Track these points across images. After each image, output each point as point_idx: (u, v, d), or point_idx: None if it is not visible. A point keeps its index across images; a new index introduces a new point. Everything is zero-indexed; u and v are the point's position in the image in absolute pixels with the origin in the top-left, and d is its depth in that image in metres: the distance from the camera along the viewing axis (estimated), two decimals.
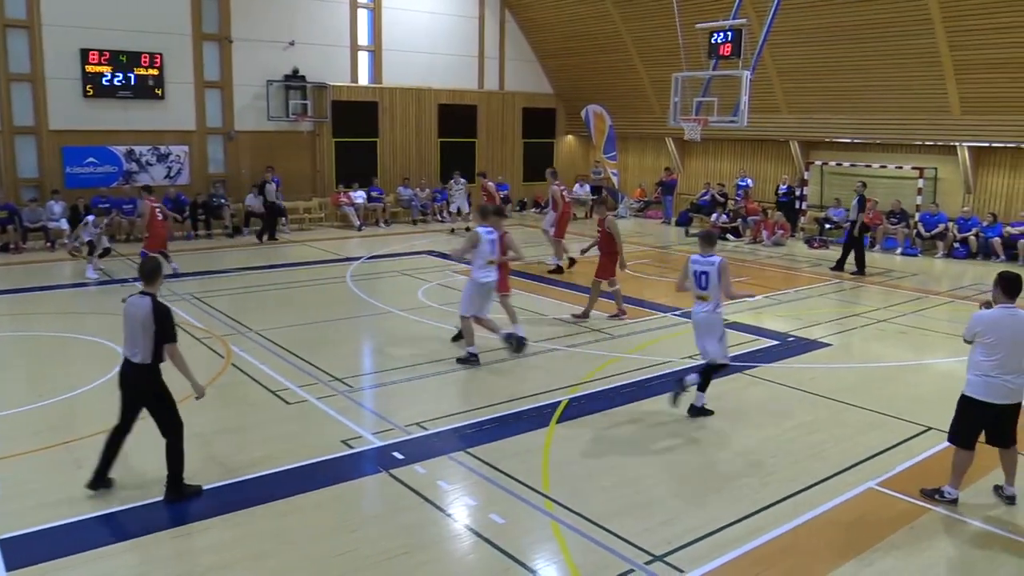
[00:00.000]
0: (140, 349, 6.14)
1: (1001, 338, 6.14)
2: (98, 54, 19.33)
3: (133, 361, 6.20)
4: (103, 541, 5.70)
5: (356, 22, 23.48)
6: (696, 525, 6.00)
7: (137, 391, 6.29)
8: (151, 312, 6.10)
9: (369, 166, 24.05)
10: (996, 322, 6.21)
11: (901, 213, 19.79)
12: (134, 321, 6.15)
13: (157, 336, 6.11)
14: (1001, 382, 6.15)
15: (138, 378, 6.23)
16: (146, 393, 6.28)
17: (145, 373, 6.19)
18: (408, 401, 8.86)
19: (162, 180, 20.68)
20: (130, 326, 6.19)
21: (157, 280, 6.38)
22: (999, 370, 6.15)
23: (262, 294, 14.17)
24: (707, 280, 8.16)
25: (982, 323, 6.28)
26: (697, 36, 18.60)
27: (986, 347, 6.22)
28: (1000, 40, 16.68)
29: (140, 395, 6.30)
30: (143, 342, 6.12)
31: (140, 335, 6.12)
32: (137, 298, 6.25)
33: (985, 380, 6.21)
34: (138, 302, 6.20)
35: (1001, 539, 5.90)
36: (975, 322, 6.33)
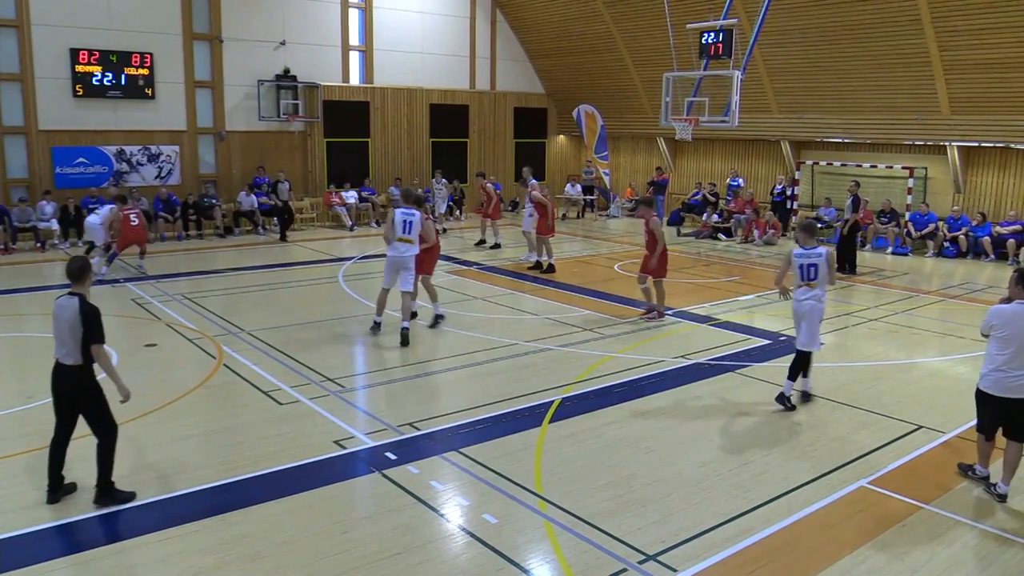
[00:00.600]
0: (70, 350, 6.02)
1: (1015, 332, 6.30)
2: (88, 54, 19.24)
3: (64, 363, 6.06)
4: (92, 544, 5.68)
5: (347, 22, 23.45)
6: (689, 524, 6.02)
7: (69, 393, 6.12)
8: (78, 313, 5.97)
9: (361, 166, 24.03)
10: (1012, 316, 6.36)
11: (891, 212, 19.87)
12: (62, 322, 6.02)
13: (85, 337, 5.96)
14: (1013, 377, 6.30)
15: (70, 380, 6.08)
16: (78, 395, 6.13)
17: (76, 374, 6.06)
18: (401, 401, 8.86)
19: (153, 180, 20.62)
20: (58, 327, 6.05)
21: (86, 280, 6.23)
22: (1011, 364, 6.30)
23: (254, 294, 14.13)
24: (816, 271, 8.40)
25: (998, 317, 6.43)
26: (688, 36, 18.64)
27: (1000, 341, 6.37)
28: (989, 40, 16.77)
29: (72, 398, 6.13)
30: (71, 343, 6.00)
31: (68, 336, 6.00)
32: (65, 299, 6.11)
33: (997, 375, 6.37)
34: (65, 303, 6.07)
35: (992, 536, 5.93)
36: (991, 316, 6.49)
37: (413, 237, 11.01)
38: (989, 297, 14.45)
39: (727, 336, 11.52)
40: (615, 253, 19.18)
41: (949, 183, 19.73)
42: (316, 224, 22.96)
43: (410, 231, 10.97)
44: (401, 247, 10.96)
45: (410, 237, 10.99)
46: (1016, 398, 6.33)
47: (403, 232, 10.94)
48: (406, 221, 10.95)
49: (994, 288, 15.37)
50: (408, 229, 10.96)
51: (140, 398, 8.59)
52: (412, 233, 11.00)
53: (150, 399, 8.53)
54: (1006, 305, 6.49)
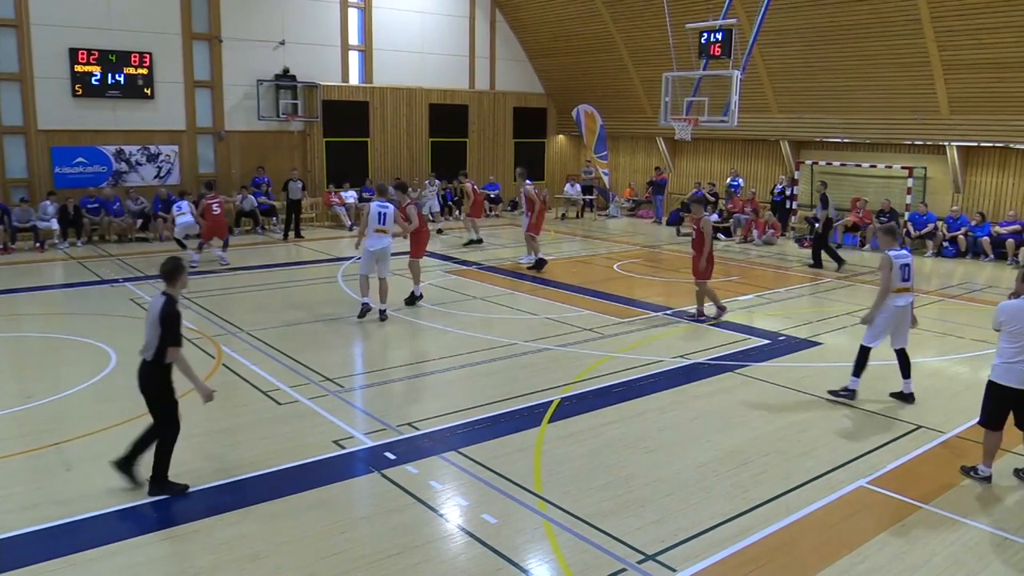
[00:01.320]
0: (148, 346, 6.25)
1: (1010, 317, 6.57)
2: (87, 53, 19.24)
3: (143, 357, 6.32)
4: (94, 543, 5.67)
5: (347, 22, 23.45)
6: (688, 524, 6.02)
7: (142, 386, 6.35)
8: (159, 312, 6.17)
9: (360, 166, 24.02)
10: (1019, 311, 6.57)
11: (891, 212, 19.87)
12: (148, 318, 6.29)
13: (161, 337, 6.15)
14: (1012, 367, 6.55)
15: (144, 374, 6.32)
16: (147, 389, 6.33)
17: (149, 369, 6.27)
18: (400, 401, 8.87)
19: (152, 180, 20.63)
20: (146, 322, 6.32)
21: (177, 281, 6.36)
22: (1020, 356, 6.52)
23: (253, 294, 14.13)
24: (911, 271, 8.65)
25: (1006, 312, 6.65)
26: (687, 36, 18.65)
27: (1010, 335, 6.59)
28: (988, 40, 16.78)
29: (143, 391, 6.36)
30: (151, 339, 6.21)
31: (150, 332, 6.23)
32: (156, 297, 6.37)
33: (1008, 366, 6.60)
34: (155, 301, 6.32)
35: (989, 536, 5.93)
36: (1000, 311, 6.70)
37: (388, 227, 11.81)
38: (988, 297, 14.47)
39: (726, 336, 11.52)
40: (614, 253, 19.18)
41: (948, 183, 19.73)
42: (315, 224, 22.95)
43: (385, 222, 11.75)
44: (377, 238, 11.72)
45: (385, 227, 11.77)
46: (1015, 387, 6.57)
47: (379, 223, 11.72)
48: (381, 213, 11.74)
49: (993, 288, 15.38)
50: (383, 220, 11.73)
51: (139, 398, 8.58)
52: (387, 224, 11.79)
53: None
54: (1014, 301, 6.68)
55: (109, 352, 10.20)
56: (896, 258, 8.54)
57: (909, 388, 8.81)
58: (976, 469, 6.89)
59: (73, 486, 6.51)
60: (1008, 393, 6.63)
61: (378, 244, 11.76)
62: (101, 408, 8.33)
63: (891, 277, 8.49)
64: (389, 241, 11.90)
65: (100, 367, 9.62)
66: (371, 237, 11.75)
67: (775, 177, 22.77)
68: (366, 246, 11.82)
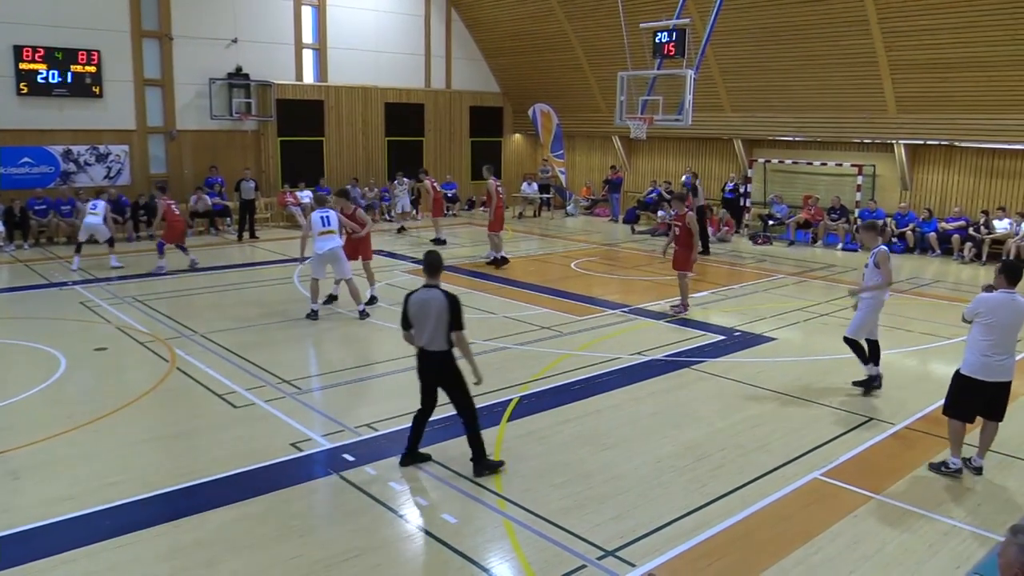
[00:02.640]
0: (434, 337, 6.58)
1: (999, 319, 6.62)
2: (32, 51, 18.77)
3: (429, 350, 6.62)
4: (46, 552, 5.53)
5: (300, 19, 23.21)
6: (646, 519, 6.07)
7: (438, 376, 6.73)
8: (445, 303, 6.50)
9: (315, 165, 23.79)
10: (998, 305, 6.66)
11: (841, 209, 20.28)
12: (428, 312, 6.56)
13: (449, 324, 6.52)
14: (996, 361, 6.65)
15: (435, 364, 6.67)
16: (441, 375, 6.72)
17: (440, 358, 6.64)
18: (358, 402, 8.81)
19: (102, 181, 20.20)
20: (423, 317, 6.59)
21: (440, 273, 6.82)
22: (994, 349, 6.63)
23: (207, 296, 13.92)
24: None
25: (984, 305, 6.72)
26: (642, 35, 18.81)
27: (984, 327, 6.67)
28: (932, 41, 17.19)
29: (440, 378, 6.73)
30: (436, 331, 6.55)
31: (433, 324, 6.54)
32: (424, 291, 6.67)
33: (983, 360, 6.67)
34: (427, 296, 6.62)
35: (939, 524, 6.08)
36: (978, 303, 6.77)
37: (334, 228, 11.93)
38: (935, 291, 14.83)
39: (682, 332, 11.64)
40: (571, 251, 19.27)
41: (896, 180, 20.18)
42: (270, 224, 22.68)
43: (330, 223, 11.91)
44: (326, 239, 11.81)
45: (332, 228, 11.90)
46: (999, 381, 6.70)
47: (323, 226, 11.86)
48: (323, 217, 11.92)
49: (940, 282, 15.77)
50: (327, 222, 11.89)
51: (91, 403, 8.45)
52: (332, 225, 11.93)
53: (101, 404, 8.37)
54: (992, 294, 6.75)
55: (58, 356, 9.98)
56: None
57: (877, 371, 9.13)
58: (946, 464, 6.93)
59: (21, 495, 6.35)
60: (980, 386, 6.70)
61: (327, 245, 11.80)
62: (50, 414, 8.14)
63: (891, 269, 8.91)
64: (338, 241, 11.95)
65: (49, 373, 9.40)
66: (319, 240, 11.82)
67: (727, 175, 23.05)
68: (315, 249, 11.86)
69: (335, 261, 11.98)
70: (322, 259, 11.89)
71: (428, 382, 6.86)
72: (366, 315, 12.05)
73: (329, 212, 12.05)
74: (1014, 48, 16.25)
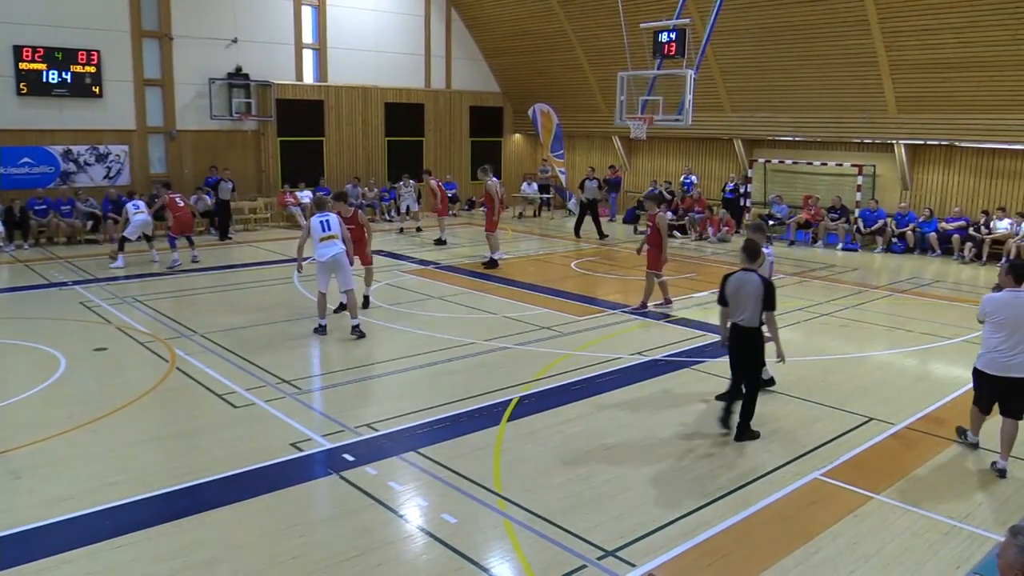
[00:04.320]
0: (750, 316, 7.39)
1: (1007, 317, 6.83)
2: (32, 51, 18.76)
3: (743, 325, 7.43)
4: (43, 553, 5.53)
5: (300, 19, 23.20)
6: (647, 519, 6.07)
7: (745, 348, 7.49)
8: (761, 286, 7.29)
9: (315, 165, 23.80)
10: (1004, 304, 6.89)
11: (841, 209, 20.27)
12: (748, 293, 7.35)
13: (764, 304, 7.31)
14: (1004, 357, 6.85)
15: (748, 339, 7.45)
16: (749, 349, 7.48)
17: (753, 335, 7.43)
18: (358, 402, 8.80)
19: (101, 181, 20.21)
20: (743, 297, 7.37)
21: (759, 260, 7.62)
22: (1004, 345, 6.85)
23: (207, 296, 13.92)
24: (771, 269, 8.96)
25: (991, 304, 6.98)
26: (642, 35, 18.81)
27: (994, 325, 6.91)
28: (932, 41, 17.18)
29: (746, 351, 7.49)
30: (753, 310, 7.35)
31: (751, 304, 7.34)
32: (743, 274, 7.47)
33: (991, 356, 6.93)
34: (745, 278, 7.42)
35: (939, 524, 6.08)
36: (985, 303, 7.04)
37: (335, 232, 11.21)
38: (936, 291, 14.83)
39: (682, 332, 11.64)
40: (571, 251, 19.27)
41: (897, 180, 20.17)
42: (270, 224, 22.68)
43: (330, 228, 11.20)
44: (327, 246, 11.12)
45: (332, 233, 11.18)
46: (1012, 377, 6.86)
47: (323, 231, 11.16)
48: (322, 222, 11.21)
49: (940, 282, 15.77)
50: (327, 227, 11.20)
51: (91, 403, 8.45)
52: (333, 229, 11.22)
53: (101, 404, 8.37)
54: (998, 293, 7.00)
55: (58, 356, 9.98)
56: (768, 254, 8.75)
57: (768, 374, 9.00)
58: (966, 434, 7.51)
59: (21, 495, 6.35)
60: (991, 380, 6.96)
61: (329, 252, 11.05)
62: (50, 414, 8.14)
63: None
64: (340, 247, 11.15)
65: (49, 372, 9.40)
66: (320, 247, 11.09)
67: (727, 175, 23.05)
68: (316, 257, 11.14)
69: (339, 269, 11.15)
70: (325, 267, 11.14)
71: (738, 355, 7.65)
72: (361, 334, 11.05)
73: (329, 216, 11.32)
74: (1015, 48, 16.25)
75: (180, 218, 16.21)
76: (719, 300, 7.66)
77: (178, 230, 16.25)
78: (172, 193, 16.50)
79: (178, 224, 16.23)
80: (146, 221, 16.23)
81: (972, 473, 7.02)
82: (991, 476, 6.94)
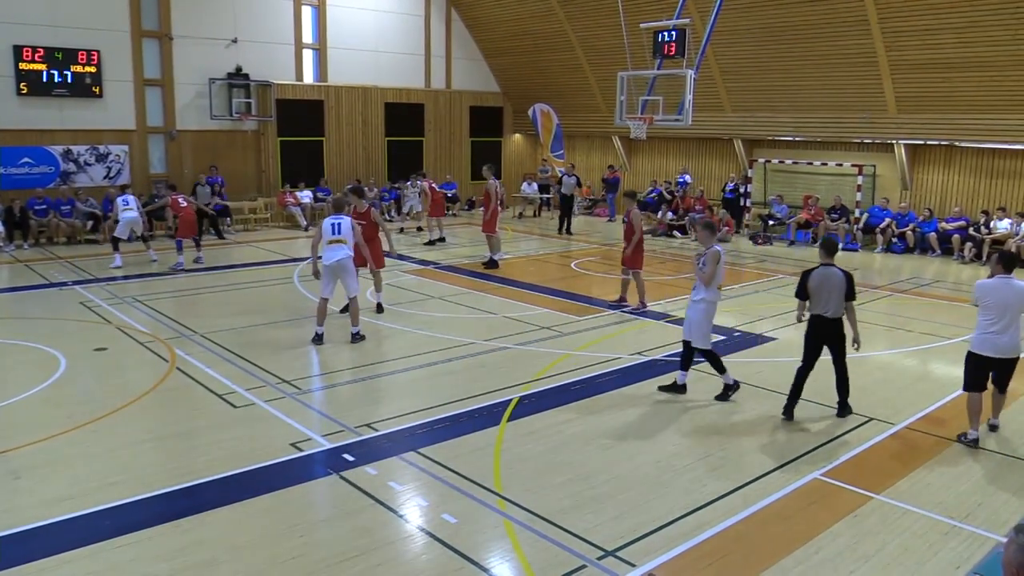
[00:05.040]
0: (832, 307, 7.98)
1: (996, 301, 7.44)
2: (32, 51, 18.77)
3: (825, 316, 8.01)
4: (43, 553, 5.53)
5: (300, 19, 23.21)
6: (647, 519, 6.07)
7: (830, 336, 8.07)
8: (844, 279, 7.94)
9: (315, 165, 23.81)
10: (993, 288, 7.51)
11: (842, 209, 20.27)
12: (831, 285, 7.95)
13: (846, 295, 7.94)
14: (992, 337, 7.46)
15: (831, 328, 8.04)
16: (833, 337, 8.08)
17: (835, 324, 8.03)
18: (358, 402, 8.81)
19: (101, 181, 20.22)
20: (827, 289, 7.97)
21: (835, 253, 8.21)
22: (995, 327, 7.44)
23: (207, 296, 13.92)
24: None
25: (982, 289, 7.62)
26: (642, 35, 18.81)
27: (985, 309, 7.52)
28: (932, 41, 17.19)
29: (831, 339, 8.09)
30: (835, 301, 7.96)
31: (835, 296, 7.94)
32: (825, 269, 8.03)
33: (985, 336, 7.51)
34: (831, 272, 8.00)
35: (939, 524, 6.08)
36: (977, 289, 7.68)
37: (344, 237, 10.96)
38: (936, 291, 14.82)
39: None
40: (571, 251, 19.27)
41: (897, 180, 20.17)
42: (270, 224, 22.68)
43: (340, 232, 10.95)
44: (333, 249, 10.86)
45: (341, 237, 10.93)
46: (1003, 357, 7.49)
47: (333, 234, 10.93)
48: (333, 224, 10.98)
49: (940, 282, 15.76)
50: (337, 230, 10.95)
51: (91, 403, 8.45)
52: (343, 234, 10.96)
53: (101, 404, 8.37)
54: (990, 279, 7.61)
55: (58, 356, 9.98)
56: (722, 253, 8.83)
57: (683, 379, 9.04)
58: (966, 434, 7.66)
59: (21, 495, 6.35)
60: (984, 360, 7.51)
61: (334, 256, 10.79)
62: (50, 414, 8.14)
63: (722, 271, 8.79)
64: (347, 252, 10.91)
65: (49, 372, 9.40)
66: (327, 249, 10.85)
67: (727, 175, 23.05)
68: (323, 261, 10.92)
69: (344, 274, 10.88)
70: (330, 271, 10.84)
71: (819, 342, 8.15)
72: (361, 338, 10.95)
73: (342, 219, 11.04)
74: (1015, 48, 16.25)
75: (184, 219, 16.13)
76: (799, 294, 8.23)
77: (183, 232, 16.18)
78: (176, 194, 16.49)
79: (183, 225, 16.16)
80: (135, 219, 16.13)
81: (972, 473, 7.02)
82: (991, 476, 6.95)
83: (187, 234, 16.24)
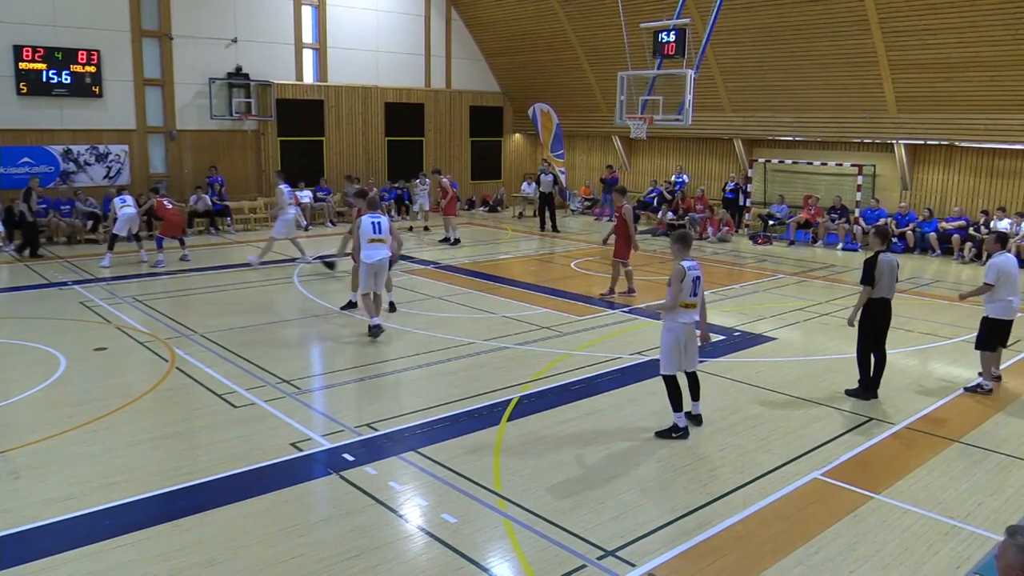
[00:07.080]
0: (893, 289, 8.77)
1: (1000, 272, 8.92)
2: (32, 51, 18.77)
3: (889, 298, 8.77)
4: (43, 553, 5.53)
5: (300, 19, 23.21)
6: (647, 519, 6.07)
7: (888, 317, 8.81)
8: (896, 262, 8.80)
9: (315, 165, 23.81)
10: (999, 263, 8.97)
11: (842, 209, 20.27)
12: (892, 269, 8.74)
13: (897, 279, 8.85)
14: (1008, 304, 8.98)
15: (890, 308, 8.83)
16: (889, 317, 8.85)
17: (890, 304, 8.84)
18: (358, 402, 8.81)
19: (101, 180, 20.21)
20: (891, 275, 8.71)
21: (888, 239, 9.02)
22: (1005, 294, 8.95)
23: (206, 296, 13.92)
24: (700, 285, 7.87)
25: (992, 266, 9.02)
26: (642, 35, 18.82)
27: (997, 282, 8.92)
28: (933, 41, 17.19)
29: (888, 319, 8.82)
30: (894, 284, 8.77)
31: (894, 279, 8.76)
32: (887, 255, 8.78)
33: (997, 303, 8.98)
34: (891, 257, 8.81)
35: (939, 524, 6.08)
36: (988, 266, 9.05)
37: (385, 236, 11.14)
38: (935, 291, 14.82)
39: None
40: (571, 251, 19.27)
41: (897, 180, 20.17)
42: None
43: (380, 231, 11.09)
44: (376, 248, 11.01)
45: (383, 236, 11.10)
46: (1009, 319, 9.04)
47: (374, 233, 11.05)
48: (375, 223, 11.10)
49: (940, 282, 15.76)
50: (378, 229, 11.09)
51: (91, 403, 8.45)
52: (383, 233, 11.12)
53: (101, 404, 8.37)
54: (998, 257, 9.00)
55: (58, 356, 9.98)
56: (689, 269, 7.58)
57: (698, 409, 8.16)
58: (981, 385, 9.09)
59: (21, 495, 6.35)
60: (1002, 324, 9.04)
61: (376, 255, 10.92)
62: (50, 414, 8.14)
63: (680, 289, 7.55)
64: (388, 251, 11.10)
65: (49, 372, 9.40)
66: (368, 248, 10.93)
67: (727, 175, 23.05)
68: (363, 259, 10.95)
69: (383, 272, 11.14)
70: (371, 269, 10.95)
71: (882, 323, 8.80)
72: (380, 331, 10.93)
73: (381, 218, 11.20)
74: (1015, 48, 16.25)
75: (168, 221, 16.40)
76: (866, 281, 8.68)
77: (166, 232, 16.40)
78: (160, 197, 16.78)
79: (166, 225, 16.42)
80: (133, 216, 16.22)
81: (972, 473, 7.01)
82: (991, 476, 6.95)
83: (171, 234, 16.47)
